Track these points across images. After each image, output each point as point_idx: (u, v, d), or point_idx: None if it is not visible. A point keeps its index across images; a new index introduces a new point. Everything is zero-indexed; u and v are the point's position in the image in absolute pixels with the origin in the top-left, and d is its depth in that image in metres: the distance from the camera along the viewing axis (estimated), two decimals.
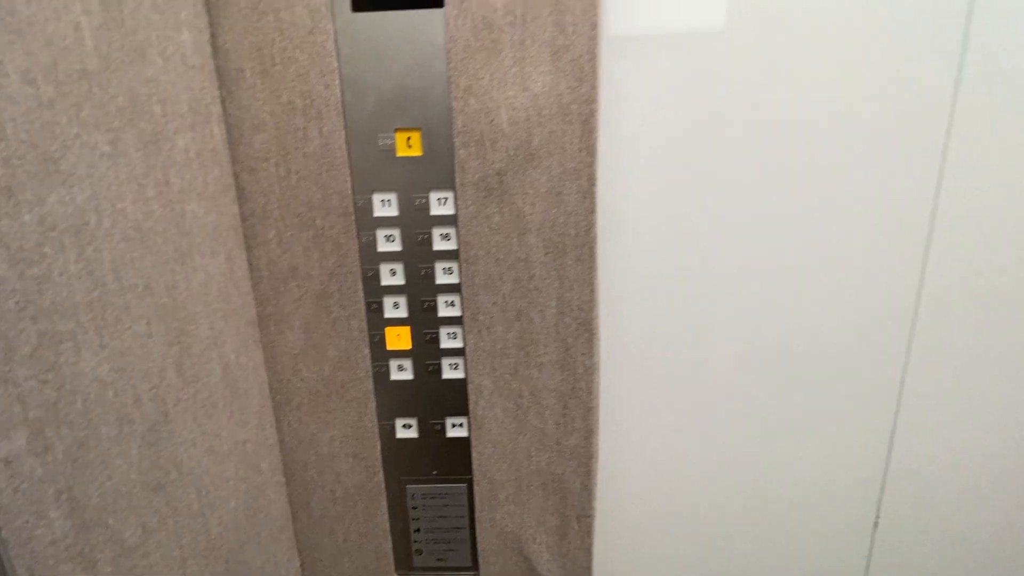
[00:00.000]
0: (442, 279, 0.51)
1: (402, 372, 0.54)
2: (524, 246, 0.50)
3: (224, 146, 0.46)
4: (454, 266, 0.50)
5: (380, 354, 0.53)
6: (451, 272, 0.51)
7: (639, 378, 0.58)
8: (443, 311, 0.52)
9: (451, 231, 0.50)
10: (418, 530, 0.59)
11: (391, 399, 0.54)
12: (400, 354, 0.53)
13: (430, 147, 0.48)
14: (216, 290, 0.45)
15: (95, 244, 0.33)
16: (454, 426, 0.55)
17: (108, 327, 0.34)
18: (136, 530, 0.36)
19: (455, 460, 0.56)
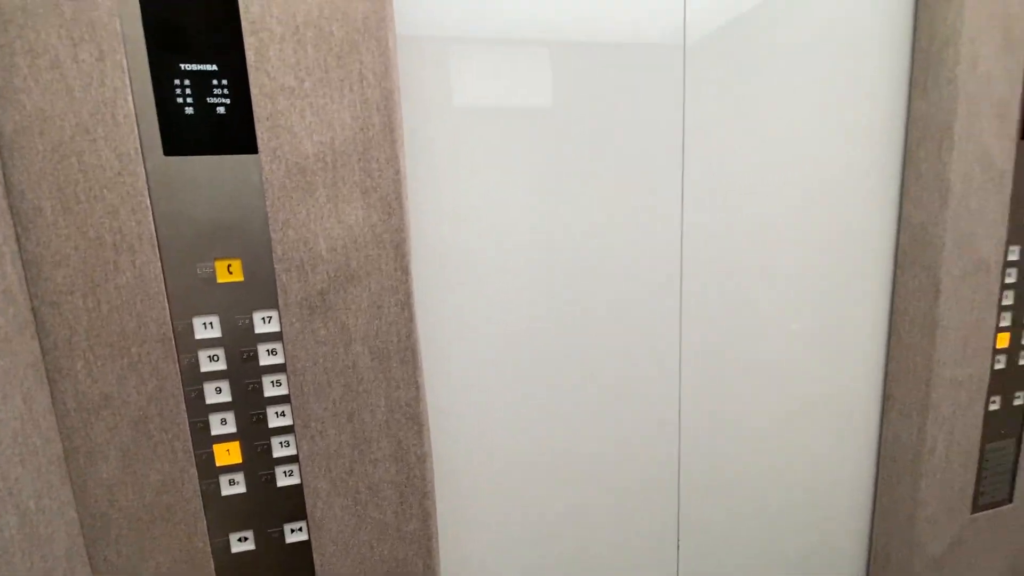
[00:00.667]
0: (271, 391, 0.53)
1: (234, 486, 0.54)
2: (351, 354, 0.54)
3: (20, 284, 0.45)
4: (282, 378, 0.53)
5: (209, 471, 0.53)
6: (280, 384, 0.53)
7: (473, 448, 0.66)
8: (274, 422, 0.54)
9: (277, 346, 0.53)
10: None
11: (223, 515, 0.54)
12: (231, 468, 0.54)
13: (251, 273, 0.51)
14: (9, 435, 0.43)
15: None
16: (293, 531, 0.57)
17: None
18: None
19: (297, 565, 0.57)
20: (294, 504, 0.56)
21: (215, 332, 0.51)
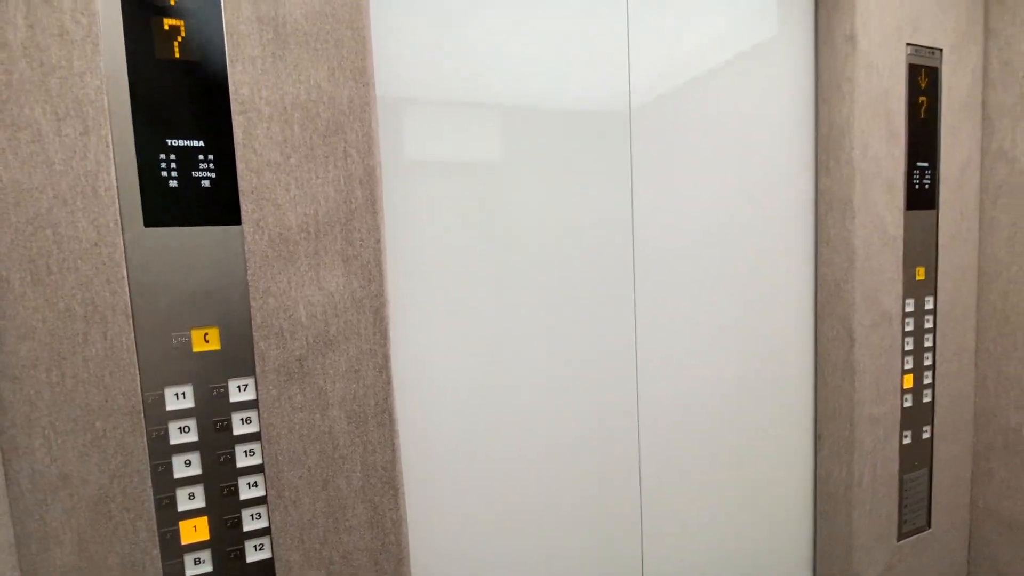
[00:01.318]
0: (244, 461, 0.52)
1: (200, 565, 0.51)
2: (327, 419, 0.55)
3: None
4: (256, 447, 0.53)
5: (173, 551, 0.50)
6: (253, 454, 0.53)
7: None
8: (245, 493, 0.53)
9: (252, 414, 0.52)
10: None
11: None
12: (197, 546, 0.51)
13: (229, 340, 0.51)
14: None
15: None
16: None
17: None
18: None
19: None
20: None
21: (187, 402, 0.50)
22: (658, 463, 0.81)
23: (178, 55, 0.47)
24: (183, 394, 0.50)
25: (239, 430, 0.52)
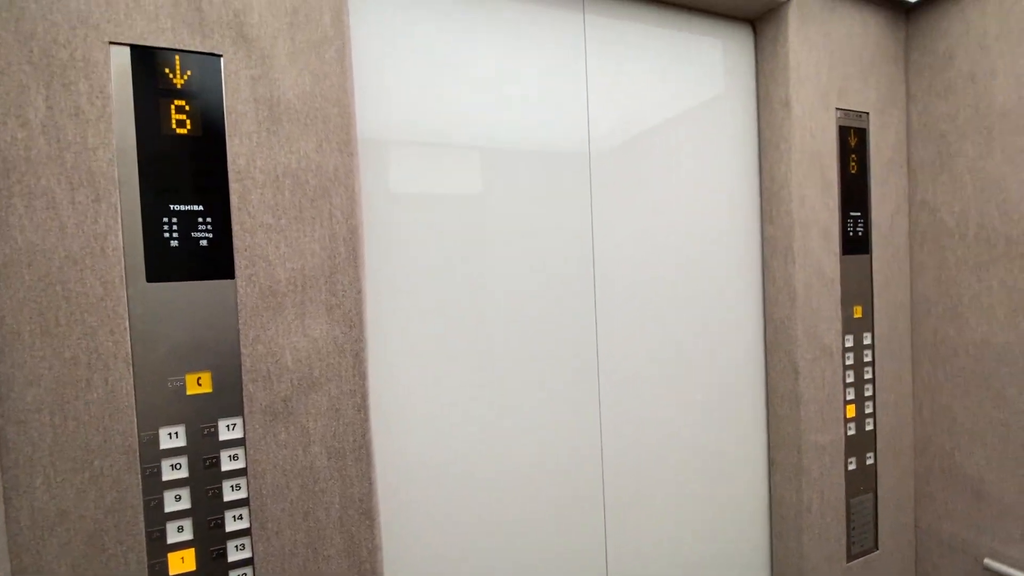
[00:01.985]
0: (230, 495, 0.57)
1: None
2: (309, 455, 0.59)
3: None
4: (242, 482, 0.57)
5: None
6: (239, 488, 0.57)
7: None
8: (231, 525, 0.57)
9: (239, 451, 0.57)
10: None
11: None
12: None
13: (220, 384, 0.56)
14: None
15: None
16: None
17: None
18: None
19: None
20: None
21: (180, 441, 0.55)
22: (621, 487, 0.86)
23: (182, 131, 0.53)
24: (176, 433, 0.54)
25: (227, 466, 0.56)
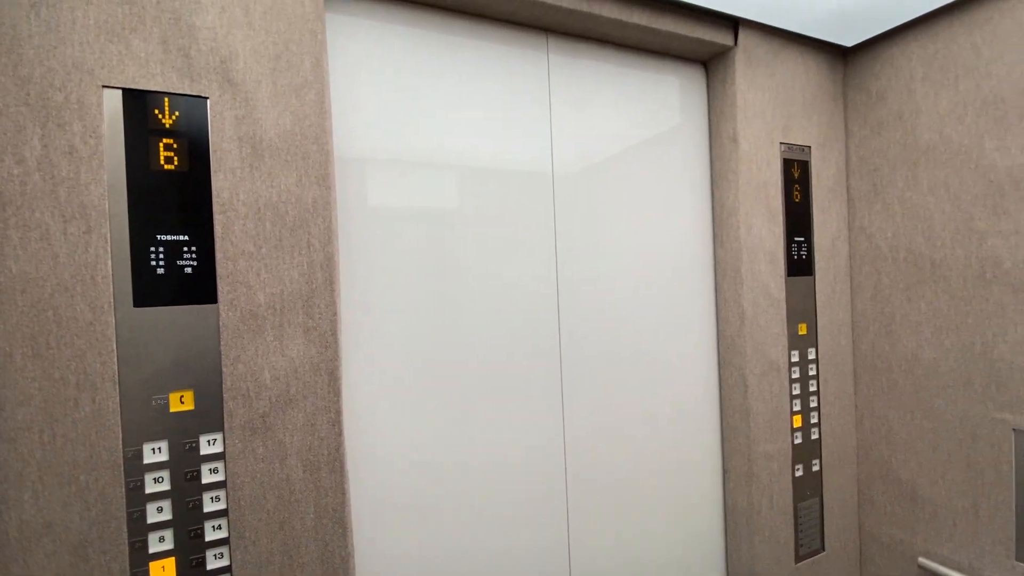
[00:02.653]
0: (210, 507, 0.60)
1: None
2: (286, 468, 0.63)
3: None
4: (222, 494, 0.61)
5: None
6: (218, 500, 0.61)
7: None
8: (210, 535, 0.60)
9: (219, 465, 0.61)
10: None
11: None
12: None
13: (202, 401, 0.60)
14: None
15: None
16: None
17: None
18: None
19: None
20: None
21: (162, 456, 0.58)
22: (584, 494, 0.92)
23: (170, 167, 0.58)
24: (159, 449, 0.58)
25: (207, 479, 0.60)
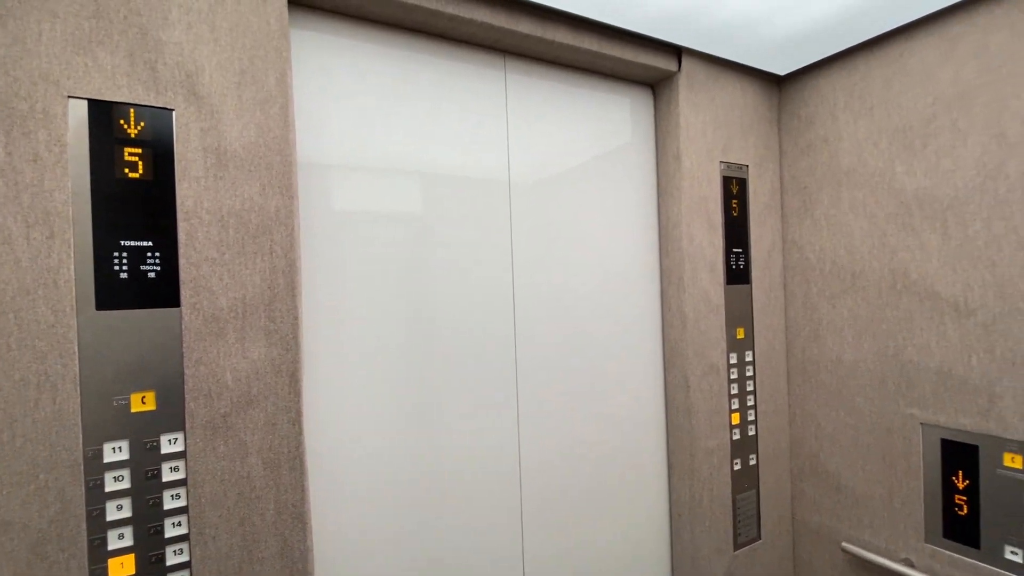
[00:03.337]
0: (170, 504, 0.62)
1: None
2: (246, 466, 0.66)
3: None
4: (182, 491, 0.63)
5: None
6: (179, 497, 0.63)
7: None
8: (170, 532, 0.62)
9: (180, 463, 0.63)
10: None
11: None
12: None
13: (163, 402, 0.62)
14: None
15: None
16: None
17: None
18: None
19: None
20: None
21: (123, 455, 0.60)
22: (537, 491, 0.97)
23: (135, 175, 0.60)
24: (120, 448, 0.60)
25: (168, 477, 0.62)
